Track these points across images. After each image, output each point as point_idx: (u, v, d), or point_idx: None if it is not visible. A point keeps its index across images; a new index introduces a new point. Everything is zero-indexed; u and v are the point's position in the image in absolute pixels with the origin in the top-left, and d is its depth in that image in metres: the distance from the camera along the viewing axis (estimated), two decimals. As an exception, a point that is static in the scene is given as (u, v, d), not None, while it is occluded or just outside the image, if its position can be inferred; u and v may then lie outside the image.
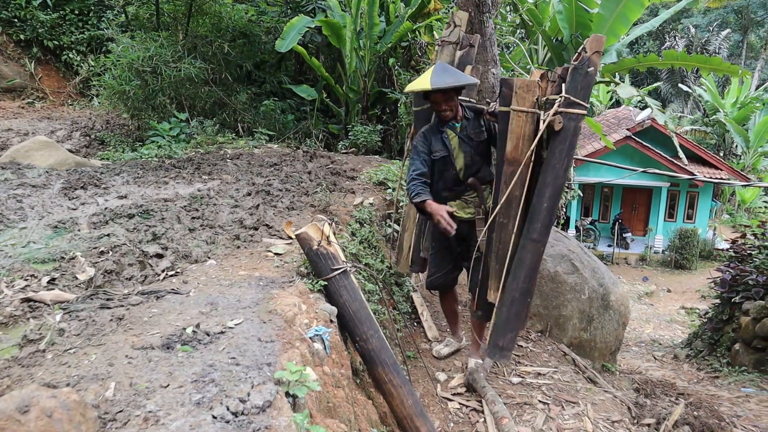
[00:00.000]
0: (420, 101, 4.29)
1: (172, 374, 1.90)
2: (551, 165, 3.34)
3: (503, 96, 3.47)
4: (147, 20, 9.87)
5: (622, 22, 11.10)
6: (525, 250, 3.44)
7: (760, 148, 25.67)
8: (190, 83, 8.44)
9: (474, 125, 3.97)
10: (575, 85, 3.30)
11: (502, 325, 3.53)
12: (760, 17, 37.11)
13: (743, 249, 9.23)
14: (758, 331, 7.34)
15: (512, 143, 3.42)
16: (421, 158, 3.89)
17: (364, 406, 2.82)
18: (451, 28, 4.47)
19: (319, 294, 2.86)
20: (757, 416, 5.45)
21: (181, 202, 4.42)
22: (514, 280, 3.47)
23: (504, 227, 3.53)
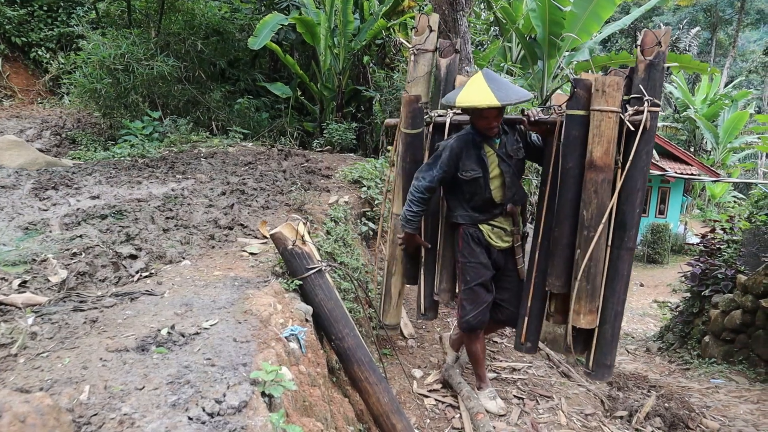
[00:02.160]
0: (417, 123, 3.83)
1: (147, 376, 1.90)
2: (639, 167, 3.15)
3: (578, 98, 3.20)
4: (118, 17, 9.74)
5: (594, 20, 11.25)
6: (622, 260, 3.25)
7: (729, 144, 26.23)
8: (163, 81, 8.35)
9: (512, 141, 3.58)
10: (653, 83, 3.15)
11: (608, 343, 3.36)
12: (728, 15, 37.81)
13: (713, 243, 9.42)
14: (727, 323, 7.50)
15: (602, 147, 3.11)
16: (439, 173, 3.48)
17: (340, 404, 2.84)
18: (425, 33, 4.05)
19: (294, 293, 2.88)
20: (726, 406, 5.58)
21: (155, 202, 4.39)
22: (614, 294, 3.28)
23: (592, 241, 3.19)
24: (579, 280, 3.24)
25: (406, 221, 3.58)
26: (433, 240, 3.89)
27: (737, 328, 7.33)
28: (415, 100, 3.76)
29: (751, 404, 5.69)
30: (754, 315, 7.03)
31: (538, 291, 3.56)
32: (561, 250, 3.36)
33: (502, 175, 3.50)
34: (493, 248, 3.62)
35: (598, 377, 3.47)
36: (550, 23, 10.93)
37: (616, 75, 3.23)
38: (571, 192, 3.27)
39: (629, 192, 3.18)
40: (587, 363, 3.46)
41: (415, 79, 4.02)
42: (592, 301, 3.26)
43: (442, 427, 3.63)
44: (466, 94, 3.28)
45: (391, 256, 4.17)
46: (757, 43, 51.15)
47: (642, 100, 3.12)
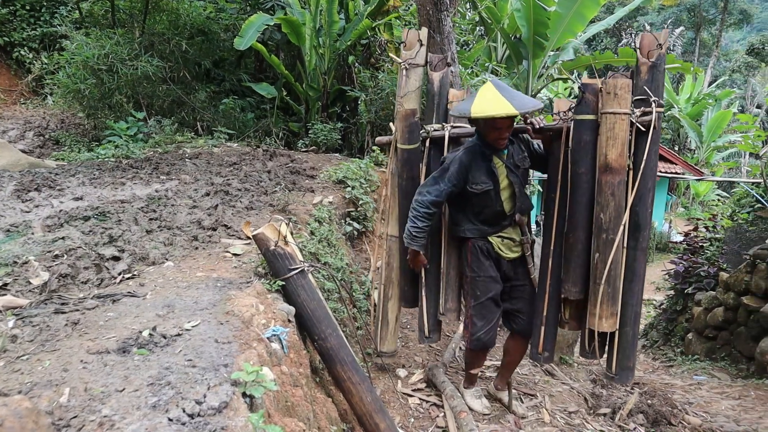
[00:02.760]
0: (414, 137, 3.76)
1: (128, 378, 1.91)
2: (649, 167, 3.20)
3: (587, 102, 3.23)
4: (102, 17, 9.67)
5: (578, 20, 11.33)
6: (638, 261, 3.28)
7: (712, 143, 26.49)
8: (147, 82, 8.31)
9: (518, 151, 3.54)
10: (657, 84, 3.19)
11: (630, 345, 3.37)
12: (711, 15, 38.18)
13: (695, 241, 9.53)
14: (709, 320, 7.59)
15: (617, 150, 3.12)
16: (448, 187, 3.40)
17: (323, 404, 2.85)
18: (415, 48, 3.99)
19: (277, 294, 2.89)
20: (708, 402, 5.65)
21: (139, 203, 4.38)
22: (633, 296, 3.31)
23: (613, 243, 3.19)
24: (601, 285, 3.22)
25: (412, 238, 3.47)
26: (435, 258, 3.82)
27: (719, 325, 7.42)
28: (411, 114, 3.73)
29: (732, 400, 5.76)
30: (736, 312, 7.11)
31: (553, 299, 3.55)
32: (577, 256, 3.36)
33: (511, 186, 3.46)
34: (503, 260, 3.58)
35: (623, 380, 3.46)
36: (535, 23, 10.99)
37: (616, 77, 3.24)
38: (586, 197, 3.28)
39: (642, 192, 3.21)
40: (609, 367, 3.44)
41: (407, 93, 3.97)
42: (613, 304, 3.26)
43: (426, 426, 3.65)
44: (481, 105, 3.18)
45: (387, 280, 4.09)
46: (740, 43, 51.71)
47: (647, 101, 3.16)
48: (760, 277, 6.64)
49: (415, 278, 3.93)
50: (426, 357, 4.64)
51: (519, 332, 3.81)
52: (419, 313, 3.94)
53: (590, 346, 3.47)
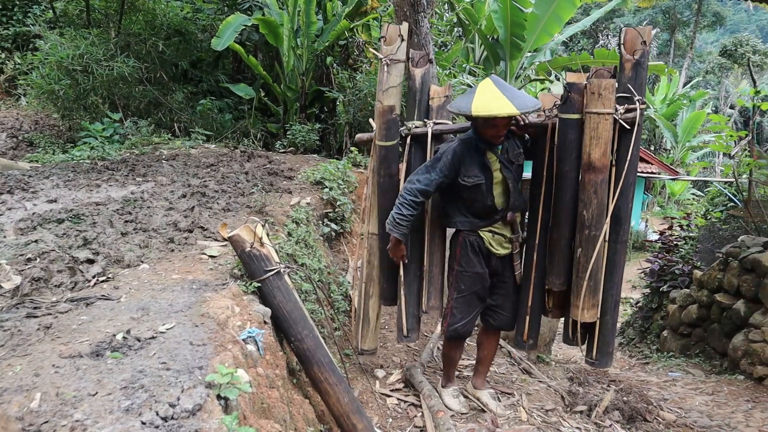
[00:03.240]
0: (392, 134, 3.73)
1: (101, 382, 1.89)
2: (631, 164, 3.27)
3: (572, 102, 3.25)
4: (76, 17, 9.56)
5: (555, 22, 11.46)
6: (618, 253, 3.39)
7: (687, 143, 26.89)
8: (123, 82, 8.23)
9: (513, 146, 3.52)
10: (640, 81, 3.24)
11: (609, 332, 3.53)
12: (686, 17, 38.77)
13: (670, 240, 9.67)
14: (684, 318, 7.70)
15: (600, 149, 3.18)
16: (439, 177, 3.38)
17: (300, 406, 2.85)
18: (396, 43, 3.94)
19: (253, 296, 2.88)
20: (682, 398, 5.73)
21: (114, 205, 4.34)
22: (613, 286, 3.44)
23: (596, 240, 3.29)
24: (584, 279, 3.32)
25: (394, 225, 3.41)
26: (416, 257, 3.82)
27: (694, 323, 7.53)
28: (389, 110, 3.70)
29: (706, 396, 5.85)
30: (710, 309, 7.23)
31: (537, 289, 3.65)
32: (560, 250, 3.45)
33: (504, 181, 3.45)
34: (493, 255, 3.59)
35: (603, 365, 3.64)
36: (512, 24, 11.10)
37: (599, 74, 3.33)
38: (569, 194, 3.34)
39: (624, 188, 3.29)
40: (590, 353, 3.60)
41: (388, 89, 3.96)
42: (594, 296, 3.39)
43: (404, 426, 3.67)
44: (482, 103, 3.16)
45: (368, 278, 4.08)
46: (713, 45, 52.58)
47: (630, 99, 3.22)
48: (733, 275, 6.76)
49: (395, 276, 3.91)
50: (404, 357, 4.66)
51: (496, 328, 3.87)
52: (398, 312, 3.94)
53: (573, 335, 3.63)
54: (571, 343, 3.71)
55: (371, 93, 7.76)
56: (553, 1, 10.96)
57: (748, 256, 6.53)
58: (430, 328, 5.28)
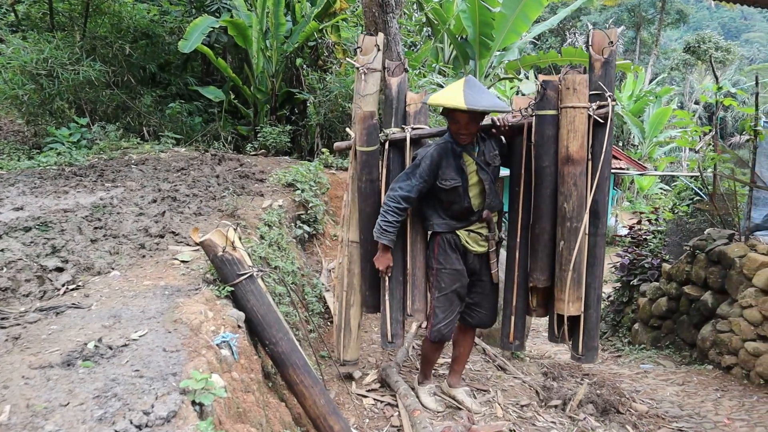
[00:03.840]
0: (372, 140, 3.77)
1: (73, 392, 1.87)
2: (606, 158, 3.40)
3: (548, 99, 3.39)
4: (39, 20, 9.39)
5: (523, 21, 11.58)
6: (598, 246, 3.50)
7: (654, 139, 27.34)
8: (90, 86, 8.10)
9: (489, 148, 3.61)
10: (609, 79, 3.38)
11: (594, 325, 3.59)
12: (650, 15, 39.48)
13: (640, 234, 9.82)
14: (654, 310, 7.83)
15: (578, 141, 3.31)
16: (419, 182, 3.45)
17: (276, 409, 2.85)
18: (372, 53, 4.00)
19: (226, 300, 2.87)
20: (654, 390, 5.84)
21: (83, 211, 4.27)
22: (595, 279, 3.53)
23: (577, 231, 3.38)
24: (568, 271, 3.40)
25: (381, 232, 3.48)
26: (398, 262, 3.83)
27: (663, 315, 7.66)
28: (370, 116, 3.74)
29: (677, 386, 5.97)
30: (679, 302, 7.36)
31: (521, 289, 3.71)
32: (543, 245, 3.53)
33: (480, 183, 3.53)
34: (470, 253, 3.65)
35: (589, 360, 3.70)
36: (481, 24, 11.18)
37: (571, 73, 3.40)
38: (550, 188, 3.45)
39: (600, 181, 3.41)
40: (576, 348, 3.65)
41: (365, 96, 3.99)
42: (578, 288, 3.46)
43: (381, 426, 3.67)
44: (439, 94, 3.40)
45: (349, 287, 4.07)
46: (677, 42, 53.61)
47: (601, 96, 3.36)
48: (700, 267, 6.90)
49: (377, 283, 3.92)
50: (379, 357, 4.67)
51: (474, 326, 3.93)
52: (382, 318, 3.93)
53: (560, 331, 3.67)
54: (556, 340, 3.76)
55: (341, 94, 7.76)
56: (521, 1, 11.08)
57: (714, 249, 6.68)
58: (405, 329, 5.29)
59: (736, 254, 6.31)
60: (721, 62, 34.84)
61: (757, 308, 5.76)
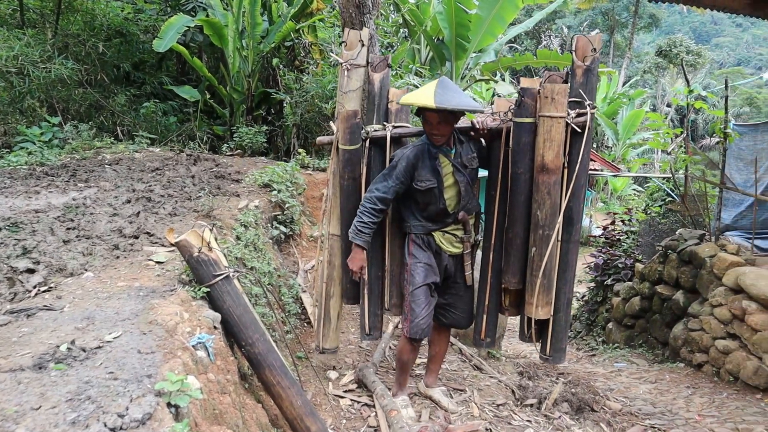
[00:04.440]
0: (355, 138, 3.77)
1: (45, 395, 1.84)
2: (583, 166, 3.39)
3: (525, 106, 3.38)
4: (9, 16, 9.21)
5: (499, 23, 11.65)
6: (571, 252, 3.52)
7: (627, 140, 27.75)
8: (62, 85, 7.98)
9: (467, 150, 3.61)
10: (591, 86, 3.37)
11: (562, 328, 3.66)
12: (624, 19, 40.05)
13: (613, 235, 9.96)
14: (627, 310, 7.95)
15: (553, 151, 3.31)
16: (395, 184, 3.45)
17: (253, 410, 2.83)
18: (357, 48, 3.98)
19: (202, 301, 2.84)
20: (627, 388, 5.92)
21: (55, 212, 4.20)
22: (566, 284, 3.56)
23: (549, 239, 3.41)
24: (538, 277, 3.44)
25: (356, 233, 3.47)
26: (377, 256, 3.87)
27: (637, 314, 7.78)
28: (353, 115, 3.72)
29: (649, 384, 6.06)
30: (651, 301, 7.48)
31: (493, 289, 3.76)
32: (516, 250, 3.57)
33: (456, 185, 3.53)
34: (444, 253, 3.65)
35: (556, 360, 3.77)
36: (457, 25, 11.24)
37: (552, 80, 3.42)
38: (524, 195, 3.47)
39: (576, 189, 3.42)
40: (544, 349, 3.74)
41: (348, 92, 3.97)
42: (548, 293, 3.51)
43: (358, 427, 3.67)
44: (412, 94, 3.42)
45: (329, 278, 4.07)
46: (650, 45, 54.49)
47: (581, 103, 3.35)
48: (672, 267, 7.01)
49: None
50: (356, 358, 4.67)
51: (448, 326, 3.95)
52: (360, 311, 3.99)
53: (528, 332, 3.77)
54: (526, 340, 3.84)
55: (318, 94, 7.74)
56: (497, 3, 11.15)
57: (686, 249, 6.79)
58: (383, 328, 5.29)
59: (706, 254, 6.42)
60: (692, 66, 35.47)
61: (727, 307, 5.87)
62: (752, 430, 4.60)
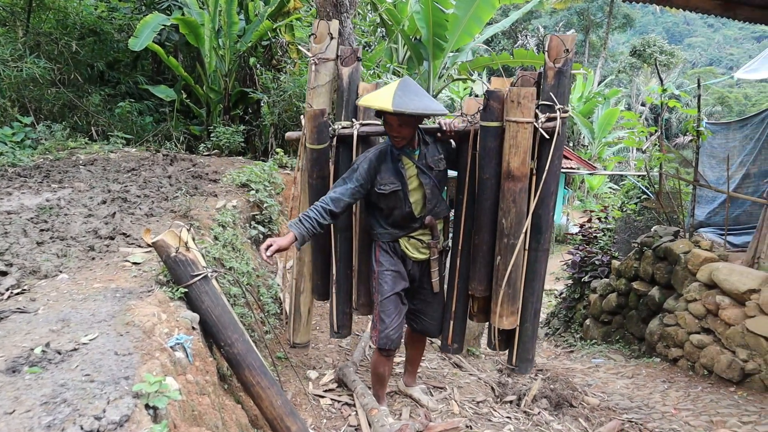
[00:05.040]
0: (322, 137, 3.62)
1: (19, 399, 1.81)
2: (553, 172, 3.24)
3: (492, 110, 3.21)
4: (-22, 15, 9.04)
5: (475, 23, 11.72)
6: (539, 262, 3.40)
7: (603, 139, 28.09)
8: (34, 84, 7.83)
9: (433, 152, 3.46)
10: (563, 89, 3.18)
11: (529, 339, 3.56)
12: (599, 19, 40.52)
13: (590, 232, 10.08)
14: (604, 306, 8.04)
15: (519, 158, 3.15)
16: (354, 186, 3.29)
17: (232, 411, 2.81)
18: (326, 41, 3.84)
19: (180, 302, 2.82)
20: (605, 383, 6.00)
21: (28, 213, 4.13)
22: (533, 294, 3.46)
23: (514, 248, 3.28)
24: (501, 286, 3.33)
25: (296, 222, 3.18)
26: (345, 254, 3.79)
27: (613, 310, 7.88)
28: (320, 114, 3.61)
29: (626, 379, 6.14)
30: (628, 297, 7.58)
31: (461, 294, 3.65)
32: (482, 257, 3.45)
33: (421, 187, 3.39)
34: (409, 259, 3.54)
35: (522, 371, 3.67)
36: (434, 25, 11.28)
37: (524, 81, 3.28)
38: (490, 201, 3.34)
39: (544, 197, 3.28)
40: (510, 359, 3.65)
41: (317, 88, 3.87)
42: (513, 303, 3.40)
43: (339, 426, 3.67)
44: (371, 95, 3.26)
45: (299, 274, 4.02)
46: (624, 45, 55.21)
47: (552, 107, 3.17)
48: (647, 263, 7.11)
49: (327, 272, 3.91)
50: (336, 357, 4.66)
51: (420, 332, 3.87)
52: (330, 309, 3.94)
53: (494, 340, 3.66)
54: (492, 348, 3.75)
55: (296, 94, 7.70)
56: (473, 3, 11.21)
57: (661, 245, 6.89)
58: (361, 327, 5.30)
59: (681, 250, 6.53)
60: (665, 66, 35.99)
61: (701, 302, 5.97)
62: (726, 422, 4.69)
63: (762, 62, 8.27)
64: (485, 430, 3.90)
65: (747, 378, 5.42)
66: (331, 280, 3.88)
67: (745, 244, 6.98)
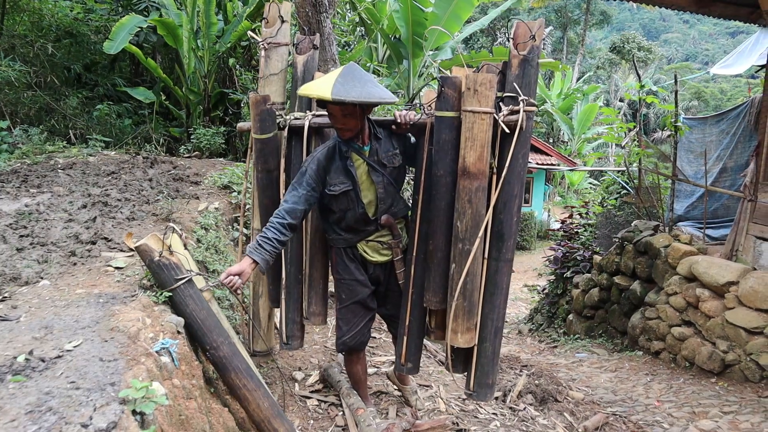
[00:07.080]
0: (267, 127, 3.36)
1: (3, 408, 1.79)
2: (516, 172, 2.91)
3: (446, 98, 2.89)
4: (-49, 18, 8.89)
5: (454, 21, 11.75)
6: (500, 273, 3.01)
7: (583, 135, 28.33)
8: (9, 87, 7.72)
9: (386, 147, 3.19)
10: (528, 80, 2.87)
11: (489, 361, 3.11)
12: (576, 16, 40.90)
13: (571, 228, 10.17)
14: (587, 301, 8.12)
15: (476, 153, 2.81)
16: (306, 191, 3.04)
17: (219, 414, 2.80)
18: (276, 25, 3.53)
19: (164, 306, 2.80)
20: (589, 377, 6.06)
21: (6, 219, 4.07)
22: (493, 310, 3.05)
23: (469, 254, 2.90)
24: (455, 298, 2.94)
25: (256, 247, 2.92)
26: (296, 260, 3.54)
27: (596, 305, 7.95)
28: (263, 100, 3.33)
29: (610, 373, 6.21)
30: (610, 291, 7.66)
31: (416, 308, 3.29)
32: (437, 264, 3.09)
33: (374, 186, 3.16)
34: (370, 264, 3.36)
35: (480, 398, 3.28)
36: (413, 23, 11.29)
37: (488, 70, 2.97)
38: (444, 201, 3.00)
39: (506, 199, 2.94)
40: (468, 384, 3.24)
41: (269, 77, 3.59)
42: (469, 318, 3.01)
43: (326, 427, 3.67)
44: (311, 83, 3.03)
45: (257, 277, 3.76)
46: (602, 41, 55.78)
47: (515, 99, 2.87)
48: (628, 258, 7.19)
49: (278, 277, 3.60)
50: (321, 358, 4.66)
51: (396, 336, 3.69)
52: (279, 318, 3.68)
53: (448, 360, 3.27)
54: (447, 369, 3.38)
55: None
56: (452, 1, 11.25)
57: (641, 240, 6.98)
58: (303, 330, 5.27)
59: (661, 244, 6.61)
60: (643, 62, 36.40)
61: (682, 295, 6.05)
62: (708, 412, 4.76)
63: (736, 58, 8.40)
64: (472, 427, 3.92)
65: (727, 369, 5.50)
66: (281, 288, 3.59)
67: (723, 237, 7.10)
